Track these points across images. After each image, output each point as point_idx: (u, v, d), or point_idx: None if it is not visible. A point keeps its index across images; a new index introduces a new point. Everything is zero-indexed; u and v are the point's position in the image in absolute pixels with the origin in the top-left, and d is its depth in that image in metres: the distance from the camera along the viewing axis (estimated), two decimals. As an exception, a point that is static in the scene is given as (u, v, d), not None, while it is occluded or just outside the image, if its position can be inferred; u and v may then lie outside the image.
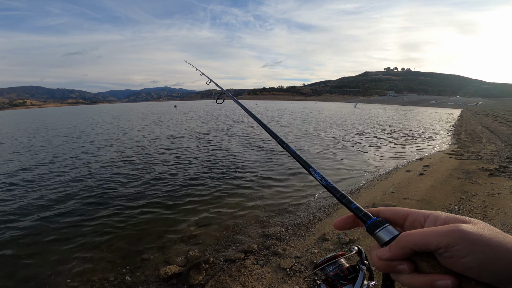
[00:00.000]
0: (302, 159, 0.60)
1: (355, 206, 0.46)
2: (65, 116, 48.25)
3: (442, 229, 0.34)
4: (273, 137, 0.77)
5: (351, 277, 0.47)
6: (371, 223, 0.42)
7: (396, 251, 0.37)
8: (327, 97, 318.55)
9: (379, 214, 0.44)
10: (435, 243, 0.33)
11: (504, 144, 10.11)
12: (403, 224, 0.42)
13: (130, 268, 3.27)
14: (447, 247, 0.32)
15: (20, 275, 3.20)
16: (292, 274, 2.78)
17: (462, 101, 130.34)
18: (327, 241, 3.39)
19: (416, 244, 0.35)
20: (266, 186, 6.07)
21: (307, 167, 0.58)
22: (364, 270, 0.47)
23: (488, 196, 4.55)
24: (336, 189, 0.50)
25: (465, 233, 0.32)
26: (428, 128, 19.24)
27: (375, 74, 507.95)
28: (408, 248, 0.36)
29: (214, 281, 2.80)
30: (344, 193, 0.48)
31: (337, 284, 0.47)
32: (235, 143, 12.08)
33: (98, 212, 4.86)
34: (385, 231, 0.40)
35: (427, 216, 0.39)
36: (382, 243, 0.40)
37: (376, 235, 0.41)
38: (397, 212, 0.42)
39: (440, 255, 0.34)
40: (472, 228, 0.33)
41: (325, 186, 0.52)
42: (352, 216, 0.47)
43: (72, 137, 15.72)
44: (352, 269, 0.48)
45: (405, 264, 0.36)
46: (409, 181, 5.95)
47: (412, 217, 0.41)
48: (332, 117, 30.97)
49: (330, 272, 0.49)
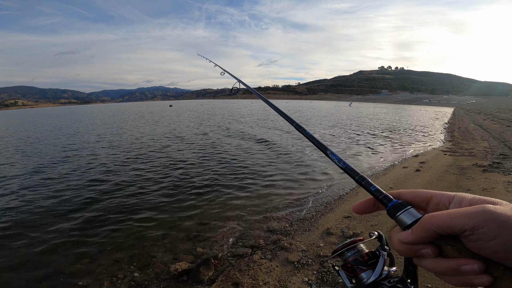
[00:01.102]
0: (319, 142, 0.60)
1: (375, 188, 0.44)
2: (61, 116, 47.54)
3: (468, 210, 0.32)
4: (289, 122, 0.80)
5: (371, 263, 0.45)
6: (392, 206, 0.40)
7: (419, 234, 0.35)
8: (322, 96, 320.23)
9: (400, 197, 0.42)
10: (461, 225, 0.32)
11: (497, 141, 10.39)
12: (426, 207, 0.40)
13: (138, 266, 3.28)
14: (473, 229, 0.31)
15: (29, 276, 3.20)
16: (300, 267, 2.88)
17: (455, 99, 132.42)
18: (332, 235, 3.51)
19: (441, 226, 0.33)
20: (268, 183, 6.16)
21: (324, 150, 0.58)
22: (385, 255, 0.45)
23: (483, 191, 4.72)
24: (355, 171, 0.49)
25: (492, 215, 0.30)
26: (423, 126, 19.56)
27: (369, 73, 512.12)
28: (432, 230, 0.34)
29: (224, 276, 2.87)
30: (363, 175, 0.47)
31: (356, 269, 0.46)
32: (234, 141, 12.14)
33: (102, 211, 4.87)
34: (407, 213, 0.38)
35: (452, 198, 0.37)
36: (404, 227, 0.38)
37: (397, 218, 0.39)
38: (420, 195, 0.41)
39: (466, 238, 0.32)
40: (500, 209, 0.31)
41: (343, 168, 0.51)
42: (372, 199, 0.45)
43: (77, 137, 15.58)
44: (372, 255, 0.47)
45: (429, 248, 0.35)
46: (406, 177, 6.12)
47: (435, 199, 0.39)
48: (327, 115, 31.21)
49: (349, 257, 0.48)
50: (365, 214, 0.60)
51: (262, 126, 18.77)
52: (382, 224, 3.68)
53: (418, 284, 0.42)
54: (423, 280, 2.41)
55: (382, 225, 3.66)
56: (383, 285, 0.43)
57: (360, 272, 0.45)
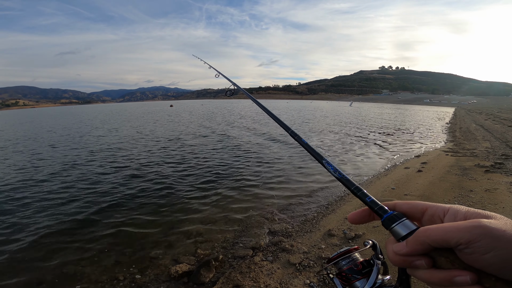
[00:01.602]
0: (314, 151, 0.59)
1: (371, 200, 0.44)
2: (62, 117, 47.62)
3: (464, 225, 0.33)
4: (284, 129, 0.77)
5: (365, 272, 0.46)
6: (387, 217, 0.40)
7: (414, 246, 0.36)
8: (323, 96, 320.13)
9: (395, 208, 0.42)
10: (456, 239, 0.32)
11: (499, 141, 10.34)
12: (421, 219, 0.40)
13: (139, 267, 3.25)
14: (469, 243, 0.31)
15: (28, 279, 3.17)
16: (302, 269, 2.85)
17: (456, 99, 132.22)
18: (333, 237, 3.48)
19: (436, 240, 0.34)
20: (269, 184, 6.14)
21: (320, 159, 0.56)
22: (379, 264, 0.46)
23: (485, 191, 4.68)
24: (350, 181, 0.48)
25: (487, 229, 0.31)
26: (424, 126, 19.52)
27: (370, 73, 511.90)
28: (427, 244, 0.34)
29: (225, 278, 2.85)
30: (359, 186, 0.47)
31: (351, 278, 0.46)
32: (234, 142, 12.13)
33: (101, 213, 4.85)
34: (402, 225, 0.39)
35: (447, 210, 0.38)
36: (398, 238, 0.38)
37: (392, 230, 0.39)
38: (415, 206, 0.41)
39: (460, 251, 0.33)
40: (495, 223, 0.32)
41: (339, 178, 0.50)
42: (367, 209, 0.45)
43: (76, 137, 15.59)
44: (366, 264, 0.47)
45: (423, 260, 0.35)
46: (408, 177, 6.08)
47: (430, 211, 0.39)
48: (328, 115, 31.18)
49: (344, 266, 0.48)
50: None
51: (262, 125, 18.75)
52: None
53: None
54: None
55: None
56: None
57: (355, 280, 0.46)
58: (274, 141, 12.13)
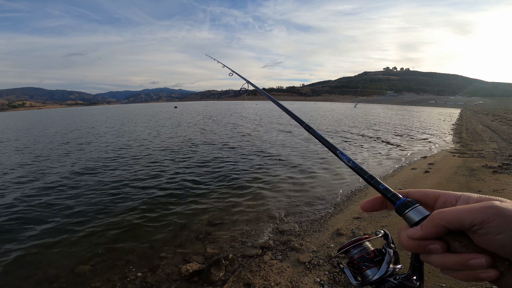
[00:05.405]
0: (328, 142, 0.61)
1: (384, 187, 0.45)
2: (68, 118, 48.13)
3: (477, 206, 0.33)
4: (299, 123, 0.80)
5: (377, 260, 0.46)
6: (401, 203, 0.41)
7: (429, 229, 0.36)
8: (327, 97, 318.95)
9: (408, 195, 0.43)
10: (470, 220, 0.33)
11: (506, 143, 10.24)
12: (433, 206, 0.41)
13: (149, 267, 3.28)
14: (482, 224, 0.32)
15: (40, 277, 3.20)
16: (311, 267, 2.88)
17: (461, 100, 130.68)
18: (342, 236, 3.50)
19: (450, 221, 0.34)
20: (276, 184, 6.17)
21: (334, 150, 0.58)
22: (391, 253, 0.46)
23: (493, 192, 4.66)
24: (364, 170, 0.49)
25: (500, 209, 0.32)
26: (430, 127, 19.37)
27: (374, 74, 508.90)
28: (441, 225, 0.35)
29: (236, 277, 2.89)
30: (372, 175, 0.48)
31: (362, 266, 0.46)
32: (241, 143, 12.17)
33: (112, 213, 4.92)
34: (415, 211, 0.39)
35: (459, 197, 0.39)
36: (412, 224, 0.39)
37: (405, 216, 0.40)
38: (427, 194, 0.42)
39: (474, 232, 0.33)
40: (506, 205, 0.32)
41: (352, 167, 0.52)
42: (380, 197, 0.46)
43: (90, 137, 15.79)
44: (378, 252, 0.47)
45: (437, 244, 0.36)
46: (415, 178, 6.07)
47: (443, 198, 0.40)
48: (333, 117, 31.09)
49: (355, 254, 0.48)
50: (375, 216, 0.60)
51: (269, 127, 18.78)
52: (393, 225, 3.66)
53: (424, 281, 0.42)
54: (438, 280, 2.39)
55: (392, 226, 3.64)
56: (389, 281, 0.43)
57: (366, 269, 0.46)
58: (280, 143, 12.16)
